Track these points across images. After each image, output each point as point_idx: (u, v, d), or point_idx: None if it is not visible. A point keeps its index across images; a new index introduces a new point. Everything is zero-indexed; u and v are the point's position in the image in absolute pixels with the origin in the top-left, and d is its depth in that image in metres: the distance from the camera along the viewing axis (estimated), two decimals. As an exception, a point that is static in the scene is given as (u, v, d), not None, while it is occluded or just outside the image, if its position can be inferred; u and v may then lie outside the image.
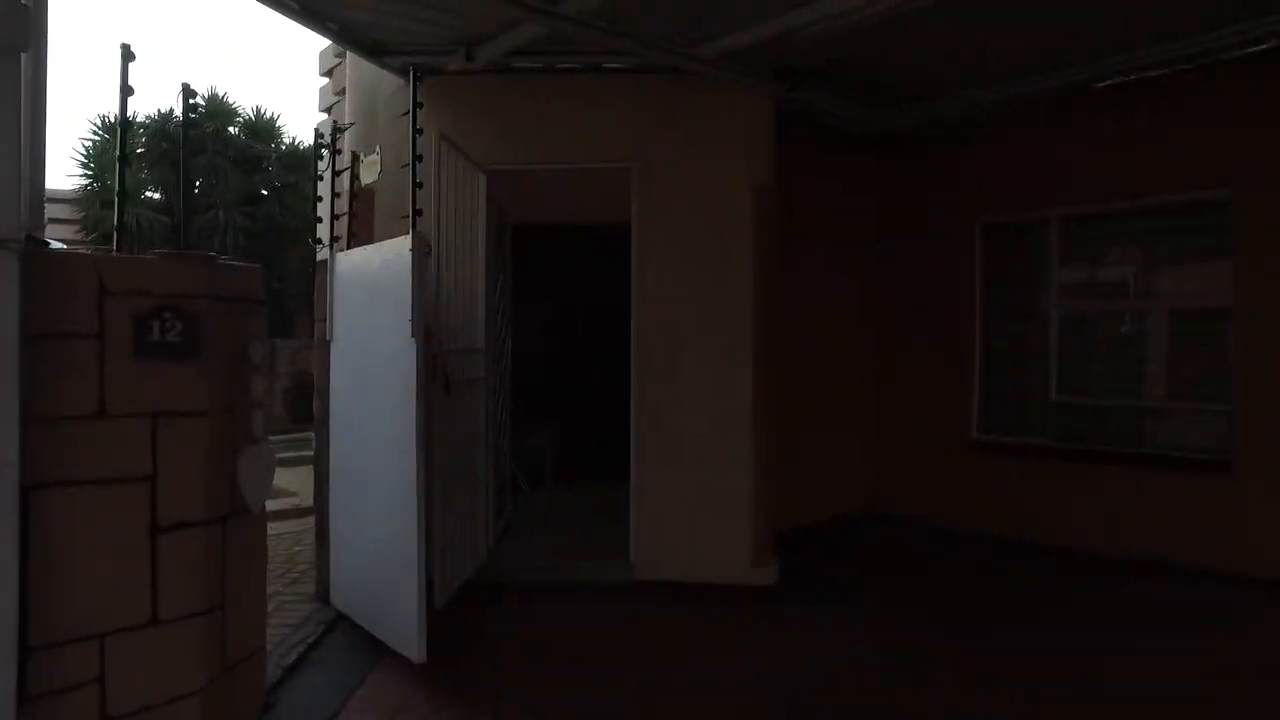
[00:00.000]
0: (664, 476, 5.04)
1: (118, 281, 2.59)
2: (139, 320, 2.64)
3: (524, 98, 4.89)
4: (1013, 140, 6.17)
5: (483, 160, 4.68)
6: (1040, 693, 3.58)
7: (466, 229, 4.54)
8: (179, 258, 2.77)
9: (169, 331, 2.70)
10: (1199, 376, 5.59)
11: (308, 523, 5.32)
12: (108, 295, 2.57)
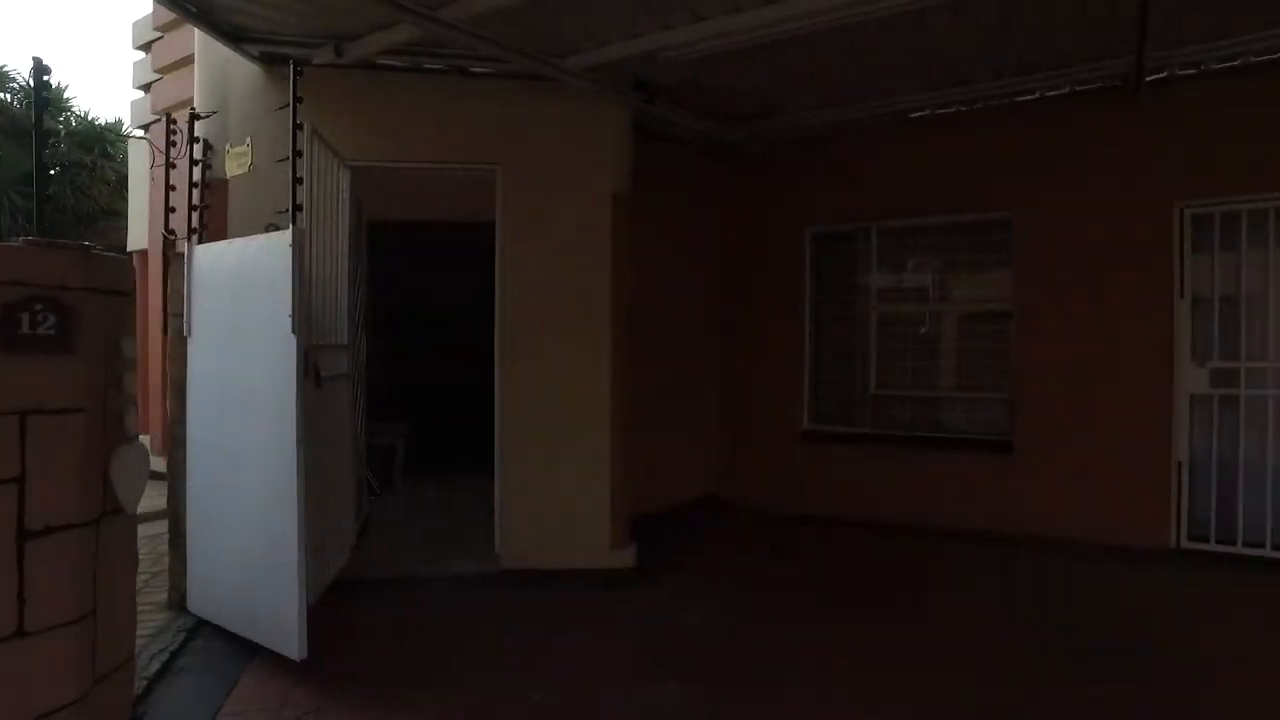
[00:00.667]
0: (528, 468, 5.21)
1: None
2: (8, 311, 2.48)
3: (391, 95, 4.88)
4: (840, 157, 6.86)
5: (347, 155, 4.62)
6: (864, 629, 4.19)
7: (329, 223, 4.48)
8: (52, 246, 2.63)
9: (41, 324, 2.55)
10: (986, 370, 6.51)
11: (149, 527, 5.00)
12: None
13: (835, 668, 3.82)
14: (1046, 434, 5.97)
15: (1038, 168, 6.01)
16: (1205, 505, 5.53)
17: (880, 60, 5.09)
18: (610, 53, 4.61)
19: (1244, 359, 5.44)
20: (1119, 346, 5.72)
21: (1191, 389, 5.54)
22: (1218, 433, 5.49)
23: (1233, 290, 5.50)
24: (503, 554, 5.16)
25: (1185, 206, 5.59)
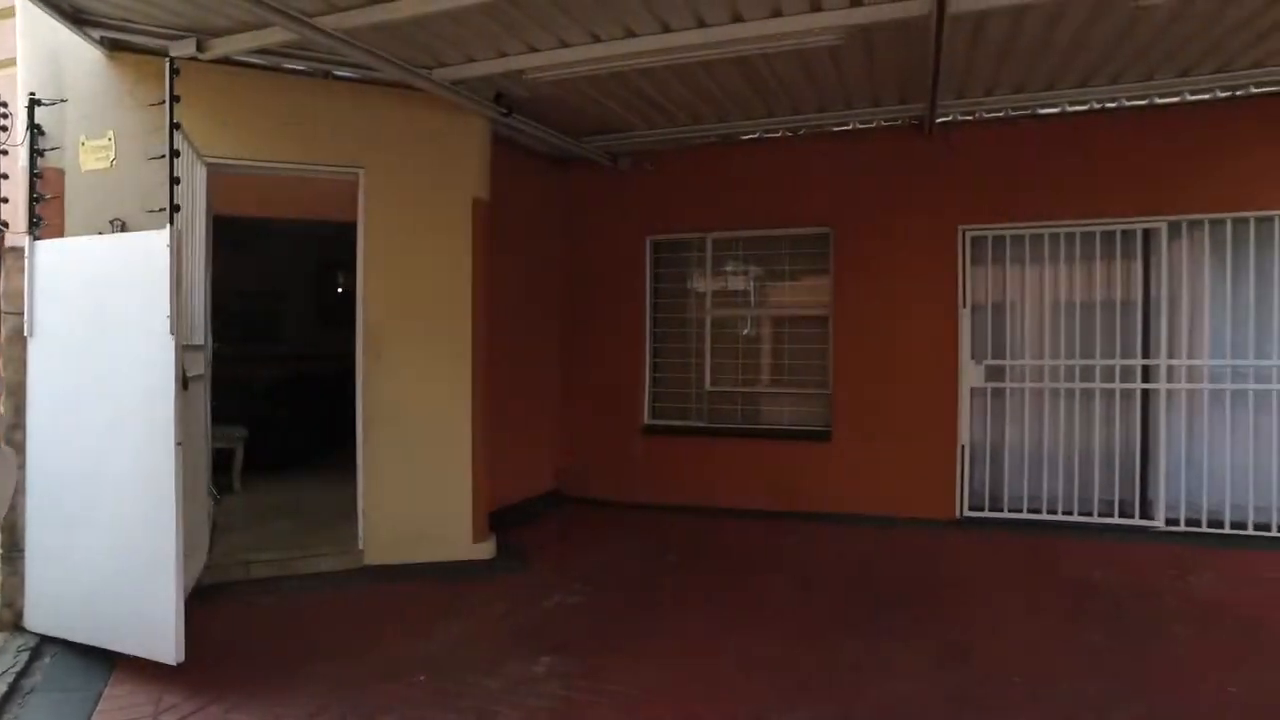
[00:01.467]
0: (390, 465, 5.31)
1: None
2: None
3: (251, 93, 4.81)
4: (678, 172, 7.41)
5: (205, 152, 4.52)
6: (700, 600, 4.71)
7: (187, 221, 4.37)
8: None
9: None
10: (808, 368, 7.30)
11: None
12: None
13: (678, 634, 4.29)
14: (858, 424, 6.84)
15: (852, 189, 6.86)
16: (981, 480, 6.60)
17: (716, 92, 5.66)
18: (477, 69, 4.83)
19: (1009, 357, 6.55)
20: (916, 347, 6.68)
21: (972, 383, 6.59)
22: (990, 419, 6.57)
23: (1001, 299, 6.60)
24: (367, 549, 5.24)
25: (966, 229, 6.63)
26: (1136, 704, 3.40)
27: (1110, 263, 6.39)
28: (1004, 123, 6.32)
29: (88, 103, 4.42)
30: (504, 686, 3.65)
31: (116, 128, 4.41)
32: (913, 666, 3.83)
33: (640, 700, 3.49)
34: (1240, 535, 5.90)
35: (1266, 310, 5.99)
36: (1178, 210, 6.11)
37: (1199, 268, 6.14)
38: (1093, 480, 6.36)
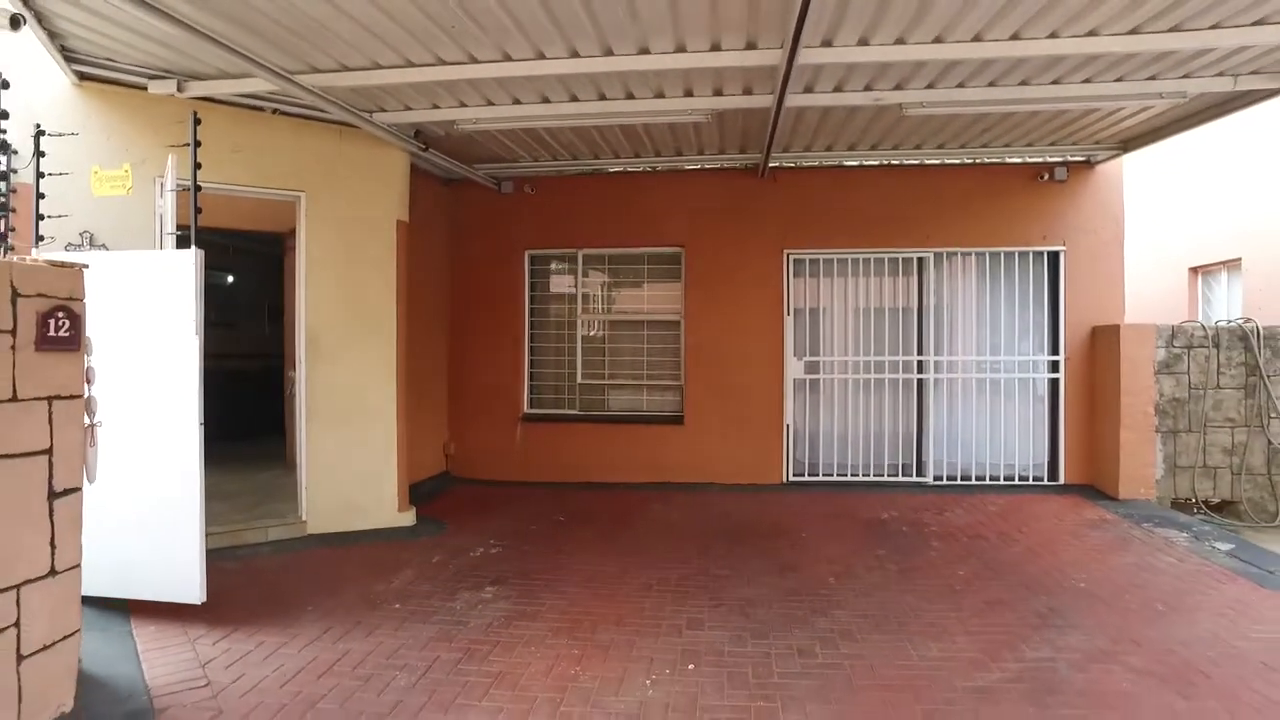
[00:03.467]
0: (329, 449, 6.17)
1: (27, 286, 3.11)
2: (41, 319, 3.17)
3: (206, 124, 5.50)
4: (555, 196, 8.62)
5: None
6: (605, 564, 5.96)
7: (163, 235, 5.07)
8: (64, 265, 3.31)
9: (61, 328, 3.27)
10: (664, 364, 8.76)
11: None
12: (20, 297, 3.08)
13: (583, 568, 5.54)
14: (705, 410, 8.37)
15: (701, 216, 8.38)
16: (802, 452, 8.34)
17: (598, 139, 6.97)
18: (412, 116, 5.83)
19: (822, 354, 8.33)
20: (751, 346, 8.30)
21: (794, 375, 8.31)
22: (809, 405, 8.32)
23: (816, 307, 8.37)
24: (309, 520, 6.07)
25: (789, 251, 8.33)
26: (903, 585, 5.07)
27: (895, 280, 8.33)
28: (818, 170, 8.09)
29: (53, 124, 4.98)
30: (464, 606, 4.76)
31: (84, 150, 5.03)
32: (759, 576, 5.31)
33: (569, 607, 4.72)
34: (981, 484, 7.99)
35: (1005, 319, 8.13)
36: (941, 244, 8.12)
37: (956, 287, 8.20)
38: (884, 450, 8.27)
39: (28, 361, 3.10)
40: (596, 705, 3.54)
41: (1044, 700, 3.55)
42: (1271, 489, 7.21)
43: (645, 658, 4.04)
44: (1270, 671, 3.80)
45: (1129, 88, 5.22)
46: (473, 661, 4.01)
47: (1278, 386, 7.22)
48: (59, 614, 3.25)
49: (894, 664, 3.95)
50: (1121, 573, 5.37)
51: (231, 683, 3.75)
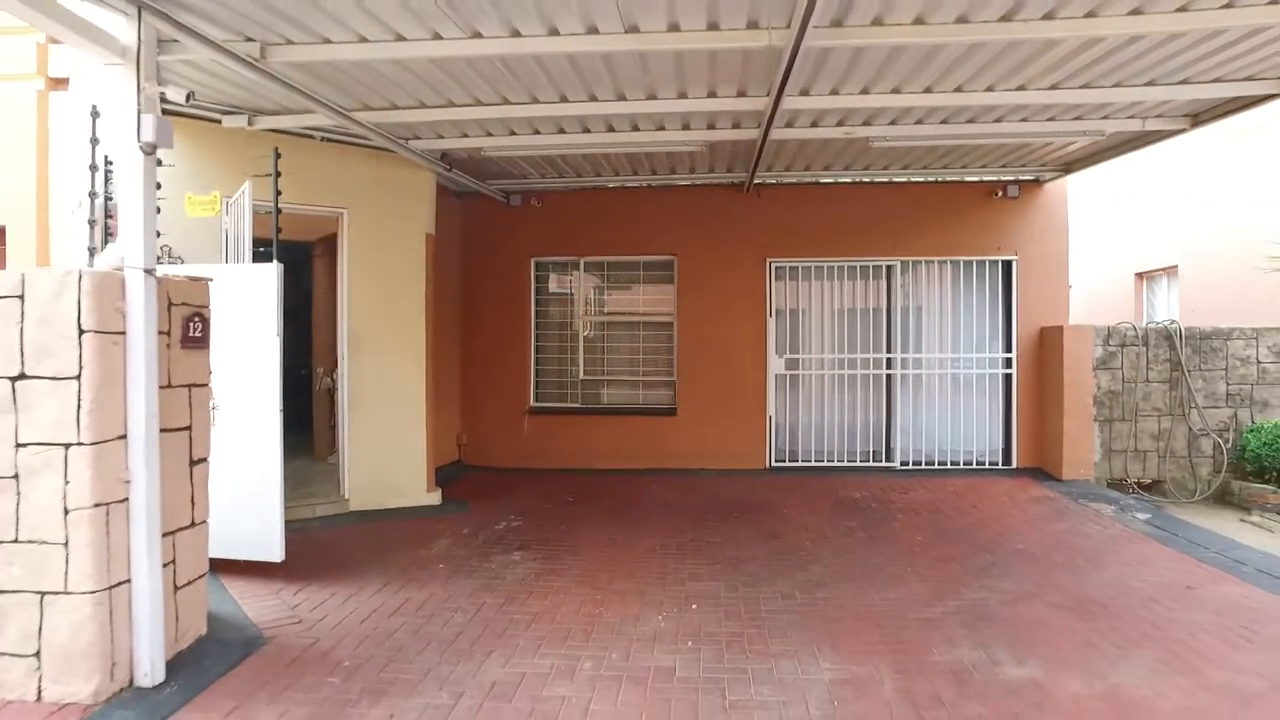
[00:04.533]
0: (368, 435, 6.99)
1: (177, 296, 3.94)
2: (184, 322, 4.00)
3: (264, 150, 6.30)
4: (559, 208, 9.47)
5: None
6: (613, 534, 6.83)
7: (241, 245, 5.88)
8: (198, 279, 4.14)
9: (196, 329, 4.09)
10: (658, 361, 9.64)
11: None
12: (173, 305, 3.91)
13: (595, 537, 6.42)
14: (696, 403, 9.27)
15: (692, 227, 9.27)
16: (784, 440, 9.26)
17: (603, 161, 7.83)
18: (444, 144, 6.67)
19: (801, 352, 9.25)
20: (737, 345, 9.20)
21: (776, 371, 9.22)
22: (789, 398, 9.24)
23: (795, 309, 9.29)
24: (350, 498, 6.89)
25: (770, 259, 9.24)
26: (870, 548, 6.00)
27: (867, 286, 9.27)
28: (797, 187, 9.01)
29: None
30: (498, 566, 5.62)
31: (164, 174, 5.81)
32: (747, 542, 6.21)
33: (588, 568, 5.59)
34: (943, 468, 8.95)
35: (964, 321, 9.09)
36: (907, 253, 9.06)
37: (921, 292, 9.15)
38: (856, 438, 9.21)
39: (176, 357, 3.93)
40: (620, 634, 4.41)
41: (975, 625, 4.48)
42: (1191, 469, 8.23)
43: (656, 601, 4.92)
44: (1153, 603, 4.76)
45: (1058, 126, 6.18)
46: (513, 605, 4.87)
47: (1197, 380, 8.24)
48: (196, 557, 4.09)
49: (859, 603, 4.87)
50: (1054, 537, 6.32)
51: (319, 620, 4.59)
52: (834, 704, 3.55)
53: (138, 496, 3.57)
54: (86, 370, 3.39)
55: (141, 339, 3.57)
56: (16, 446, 3.40)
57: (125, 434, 3.55)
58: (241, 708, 3.51)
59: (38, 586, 3.40)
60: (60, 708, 3.35)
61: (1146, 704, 3.52)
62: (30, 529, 3.39)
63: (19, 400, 3.40)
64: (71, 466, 3.39)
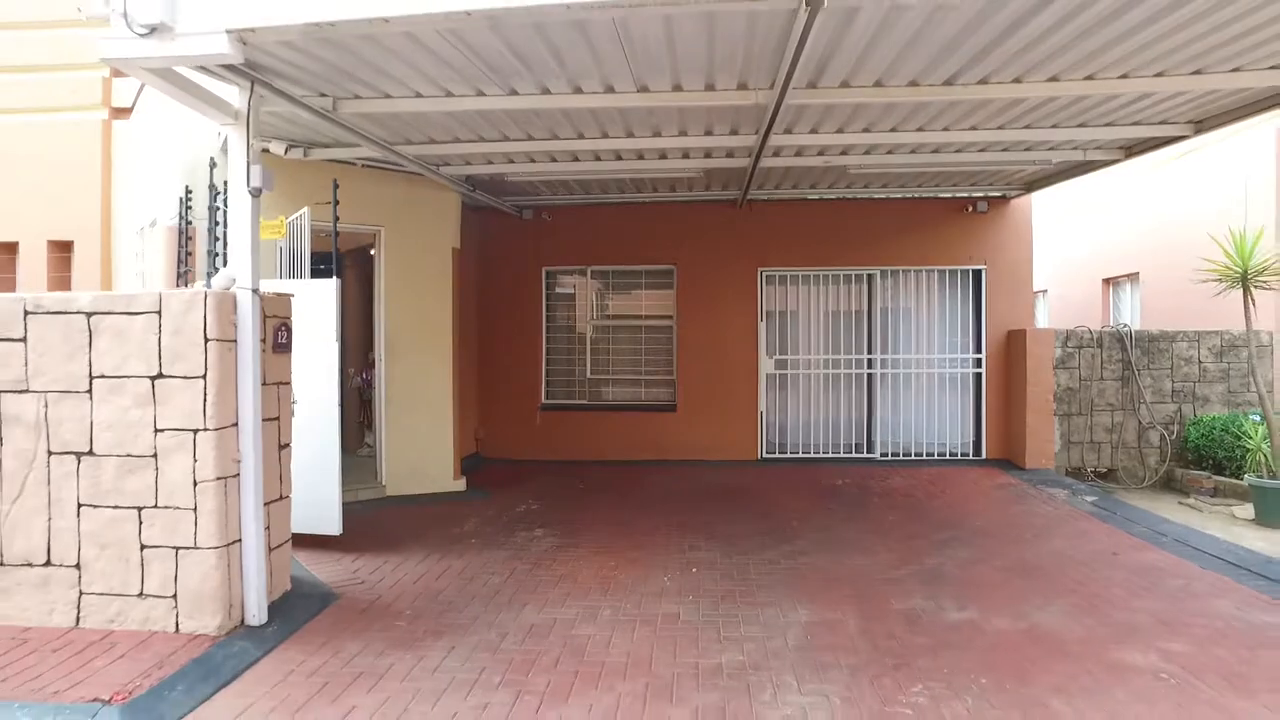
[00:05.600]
0: (402, 429, 7.85)
1: (270, 310, 4.80)
2: (275, 331, 4.86)
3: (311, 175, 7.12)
4: (567, 221, 10.33)
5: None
6: (621, 514, 7.70)
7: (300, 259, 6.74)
8: (283, 295, 5.00)
9: (283, 336, 4.95)
10: (660, 361, 10.52)
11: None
12: (267, 317, 4.77)
13: (608, 517, 7.29)
14: (694, 399, 10.15)
15: (689, 240, 10.15)
16: (774, 434, 10.14)
17: (610, 181, 8.70)
18: (470, 169, 7.53)
19: (789, 353, 10.13)
20: (731, 345, 10.08)
21: (767, 371, 10.11)
22: (778, 395, 10.13)
23: (785, 312, 10.17)
24: (387, 485, 7.75)
25: (761, 268, 10.12)
26: (847, 525, 6.89)
27: (849, 293, 10.16)
28: (786, 202, 9.89)
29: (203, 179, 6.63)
30: (523, 540, 6.49)
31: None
32: (739, 521, 7.09)
33: (604, 542, 6.46)
34: (919, 459, 9.84)
35: (939, 325, 9.99)
36: (886, 263, 9.95)
37: (899, 298, 10.04)
38: (840, 432, 10.10)
39: (268, 360, 4.78)
40: (632, 590, 5.28)
41: (930, 583, 5.36)
42: (1141, 458, 9.13)
43: (661, 566, 5.79)
44: (1081, 566, 5.65)
45: (1011, 156, 7.08)
46: (540, 569, 5.74)
47: (1145, 379, 9.14)
48: (283, 526, 4.95)
49: (834, 567, 5.75)
50: (1010, 517, 7.21)
51: (378, 582, 5.45)
52: (808, 638, 4.43)
53: (246, 473, 4.44)
54: (210, 371, 4.25)
55: (249, 345, 4.43)
56: (156, 431, 4.27)
57: (237, 422, 4.42)
58: (331, 642, 4.38)
59: (173, 543, 4.26)
60: (194, 637, 4.21)
61: (1055, 635, 4.41)
62: (167, 497, 4.26)
63: (157, 395, 4.26)
64: (199, 448, 4.25)
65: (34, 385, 4.34)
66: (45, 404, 4.34)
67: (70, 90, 8.43)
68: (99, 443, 4.31)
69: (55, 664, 3.89)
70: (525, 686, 3.84)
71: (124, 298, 4.34)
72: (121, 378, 4.30)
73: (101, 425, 4.31)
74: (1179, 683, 3.79)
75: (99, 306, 4.31)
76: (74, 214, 8.45)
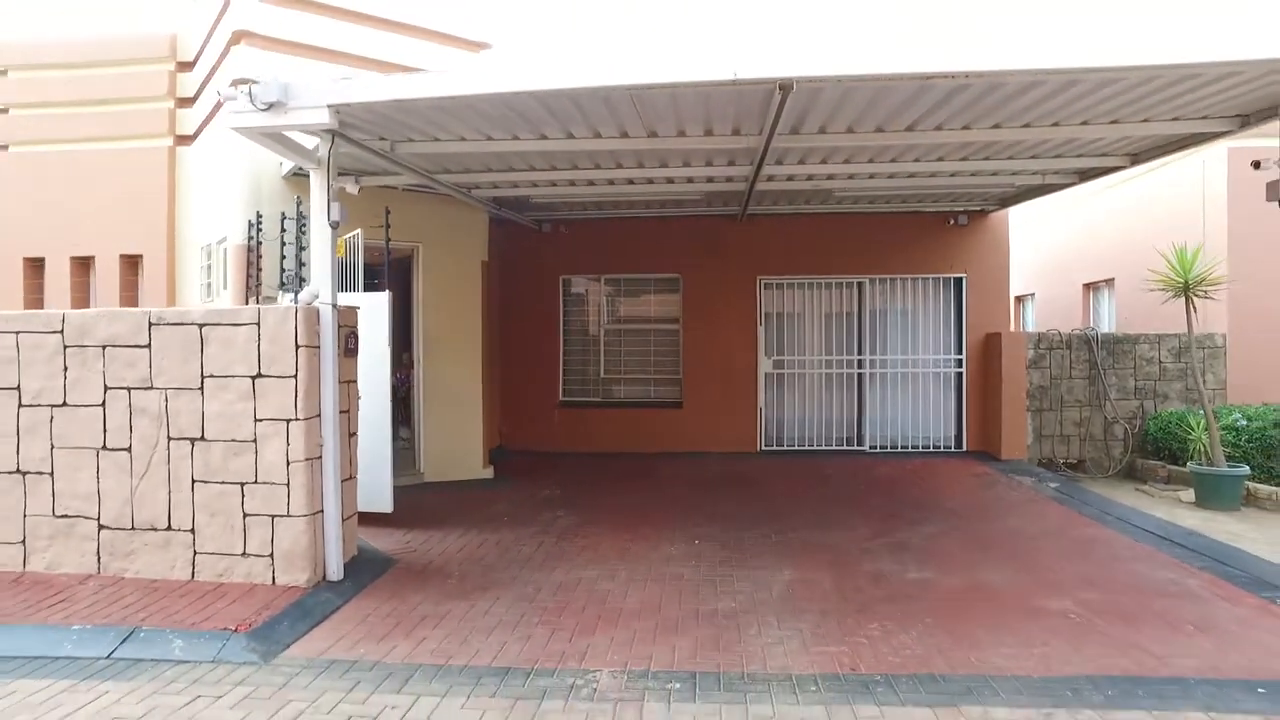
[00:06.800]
0: (438, 421, 8.82)
1: (342, 320, 5.76)
2: (346, 338, 5.82)
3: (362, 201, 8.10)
4: (582, 233, 11.28)
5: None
6: (633, 498, 8.64)
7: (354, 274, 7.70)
8: (352, 308, 5.96)
9: (351, 342, 5.91)
10: (668, 361, 11.45)
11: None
12: (340, 327, 5.72)
13: (622, 501, 8.24)
14: (698, 397, 11.08)
15: (694, 250, 11.08)
16: (771, 428, 11.08)
17: (620, 199, 9.65)
18: (498, 192, 8.49)
19: (786, 354, 11.06)
20: (732, 347, 11.01)
21: (765, 370, 11.04)
22: (776, 392, 11.06)
23: (782, 316, 11.10)
24: (425, 472, 8.73)
25: (760, 277, 11.05)
26: (834, 507, 7.83)
27: (841, 299, 11.07)
28: (783, 216, 10.82)
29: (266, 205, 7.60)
30: (548, 519, 7.45)
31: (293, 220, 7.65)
32: (739, 503, 8.03)
33: (619, 521, 7.41)
34: (905, 451, 10.75)
35: (923, 328, 10.90)
36: (875, 272, 10.87)
37: (887, 304, 10.96)
38: (832, 426, 11.03)
39: (341, 363, 5.74)
40: (644, 557, 6.22)
41: (898, 552, 6.29)
42: (1106, 450, 10.02)
43: (669, 539, 6.74)
44: (1033, 540, 6.58)
45: (979, 180, 8.01)
46: (565, 541, 6.69)
47: (1110, 377, 10.03)
48: (351, 501, 5.91)
49: (818, 540, 6.68)
50: (979, 500, 8.14)
51: (427, 550, 6.42)
52: (789, 592, 5.37)
53: (327, 455, 5.40)
54: (300, 372, 5.22)
55: (330, 350, 5.40)
56: (256, 421, 5.24)
57: (320, 414, 5.38)
58: (397, 594, 5.34)
59: (270, 511, 5.23)
60: (288, 588, 5.18)
61: (993, 589, 5.34)
62: (265, 474, 5.23)
63: (257, 391, 5.23)
64: (291, 435, 5.22)
65: (157, 383, 5.33)
66: (166, 398, 5.32)
67: (140, 120, 9.42)
68: (209, 430, 5.29)
69: (184, 606, 4.87)
70: (558, 625, 4.79)
71: (230, 312, 5.31)
72: (228, 377, 5.27)
73: (211, 416, 5.28)
74: (1082, 620, 4.72)
75: (210, 319, 5.29)
76: (142, 230, 9.44)
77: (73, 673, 4.10)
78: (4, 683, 3.98)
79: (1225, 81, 4.77)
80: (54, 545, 5.41)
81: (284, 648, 4.43)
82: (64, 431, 5.41)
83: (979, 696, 3.77)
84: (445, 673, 4.11)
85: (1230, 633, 4.51)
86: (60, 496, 5.41)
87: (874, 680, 3.97)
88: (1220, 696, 3.70)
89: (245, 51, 7.93)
